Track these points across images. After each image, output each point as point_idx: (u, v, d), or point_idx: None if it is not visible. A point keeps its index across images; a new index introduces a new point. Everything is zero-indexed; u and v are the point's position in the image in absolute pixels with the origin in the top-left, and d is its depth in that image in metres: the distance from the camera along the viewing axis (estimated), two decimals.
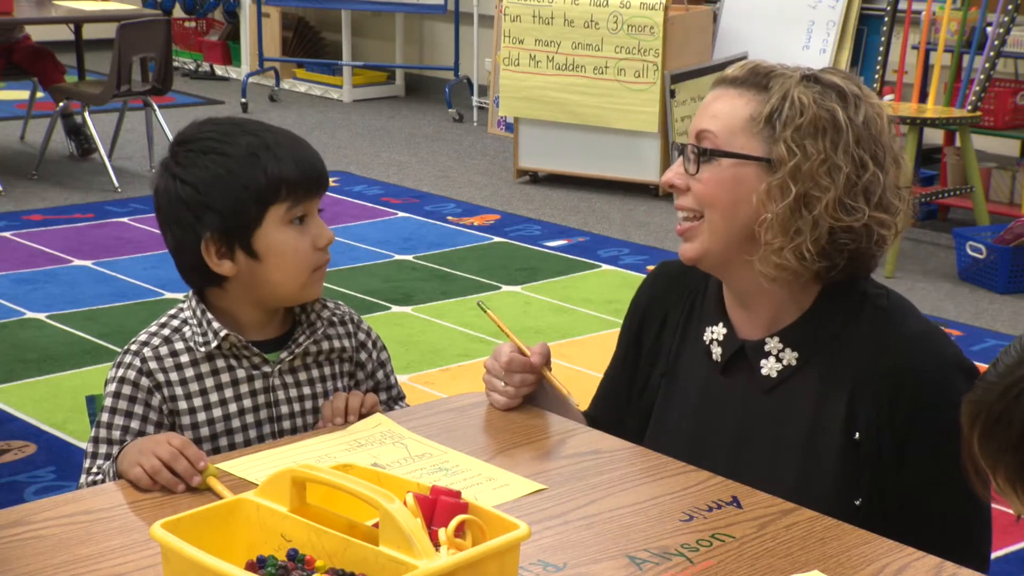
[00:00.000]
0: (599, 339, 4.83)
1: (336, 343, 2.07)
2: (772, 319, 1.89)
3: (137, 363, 1.97)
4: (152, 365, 1.97)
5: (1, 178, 6.76)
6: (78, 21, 7.38)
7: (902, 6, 6.22)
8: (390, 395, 2.15)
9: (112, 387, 1.97)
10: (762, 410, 1.89)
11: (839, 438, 1.83)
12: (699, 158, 1.84)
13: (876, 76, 6.14)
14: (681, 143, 1.88)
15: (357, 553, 1.39)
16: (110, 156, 7.05)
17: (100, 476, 1.93)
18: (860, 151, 1.80)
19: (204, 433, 1.98)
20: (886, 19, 6.20)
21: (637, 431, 2.01)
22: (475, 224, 6.33)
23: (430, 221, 6.36)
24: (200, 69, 10.03)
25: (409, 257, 5.80)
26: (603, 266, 5.73)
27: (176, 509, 1.65)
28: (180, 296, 2.07)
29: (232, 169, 1.94)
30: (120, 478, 1.82)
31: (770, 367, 1.89)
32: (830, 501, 1.76)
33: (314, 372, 2.05)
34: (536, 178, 7.17)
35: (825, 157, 1.78)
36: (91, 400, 2.11)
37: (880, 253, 1.85)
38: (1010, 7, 5.72)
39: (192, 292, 2.02)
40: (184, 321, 2.01)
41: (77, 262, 5.62)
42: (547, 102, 6.89)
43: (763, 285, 1.85)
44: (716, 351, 1.94)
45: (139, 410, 1.96)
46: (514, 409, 2.02)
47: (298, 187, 1.96)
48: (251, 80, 9.19)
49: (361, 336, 2.11)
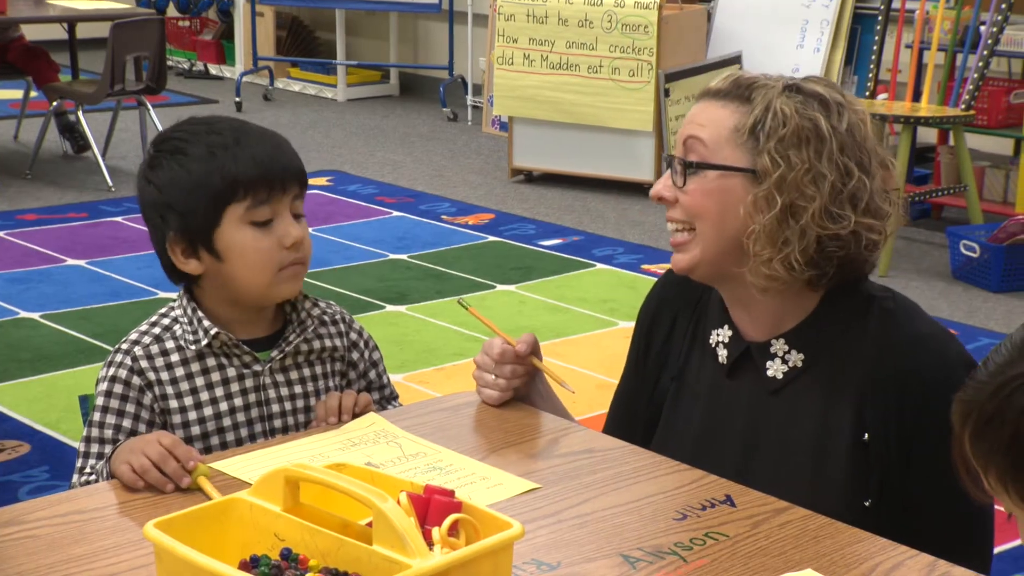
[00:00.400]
0: (594, 338, 4.83)
1: (327, 342, 2.07)
2: (776, 321, 1.89)
3: (128, 362, 1.97)
4: (143, 364, 1.97)
5: None
6: (72, 20, 7.37)
7: (896, 5, 6.22)
8: (383, 395, 2.15)
9: (104, 386, 1.97)
10: (769, 412, 1.89)
11: (847, 440, 1.83)
12: (685, 170, 1.84)
13: (870, 75, 6.14)
14: (668, 156, 1.89)
15: (351, 552, 1.39)
16: (104, 155, 7.04)
17: (93, 476, 1.93)
18: (845, 158, 1.79)
19: (195, 432, 1.97)
20: (880, 18, 6.20)
21: (649, 438, 2.00)
22: (470, 223, 6.33)
23: (424, 220, 6.36)
24: (194, 68, 10.02)
25: (403, 256, 5.79)
26: (598, 265, 5.73)
27: (169, 509, 1.65)
28: (174, 296, 2.07)
29: (190, 169, 1.95)
30: (113, 478, 1.82)
31: (776, 369, 1.89)
32: (839, 503, 1.76)
33: (305, 371, 2.05)
34: (531, 177, 7.17)
35: (809, 166, 1.78)
36: (84, 400, 2.11)
37: (872, 257, 1.85)
38: (1003, 6, 5.73)
39: (182, 291, 2.03)
40: (175, 319, 2.01)
41: (71, 261, 5.62)
42: (541, 101, 6.89)
43: (759, 297, 1.85)
44: (722, 353, 1.93)
45: (131, 409, 1.96)
46: (508, 408, 2.02)
47: (257, 187, 1.94)
48: (245, 79, 9.18)
49: (353, 336, 2.11)
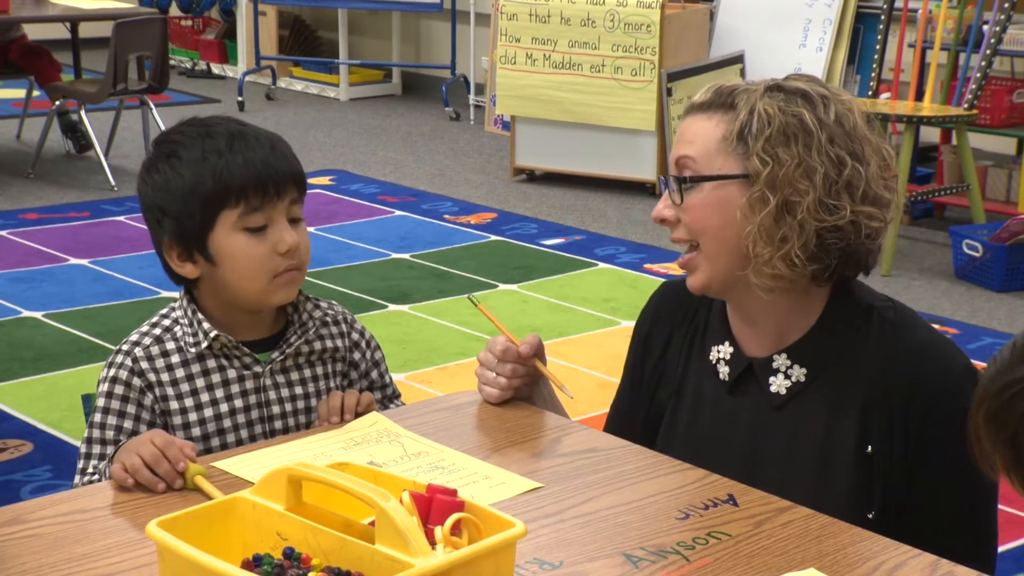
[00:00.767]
0: (596, 337, 4.83)
1: (329, 343, 2.07)
2: (779, 335, 1.89)
3: (129, 363, 1.97)
4: (144, 365, 1.97)
5: None
6: (74, 19, 7.37)
7: (898, 4, 6.22)
8: (385, 394, 2.15)
9: (104, 387, 1.97)
10: (772, 427, 1.89)
11: (851, 452, 1.83)
12: (681, 187, 1.84)
13: (872, 74, 6.14)
14: (663, 177, 1.88)
15: (353, 551, 1.39)
16: (106, 155, 7.04)
17: (96, 476, 1.92)
18: (835, 149, 1.79)
19: (196, 433, 1.97)
20: (882, 17, 6.20)
21: None
22: (472, 223, 6.33)
23: (427, 220, 6.36)
24: (196, 68, 10.02)
25: (406, 256, 5.79)
26: (600, 264, 5.73)
27: (172, 508, 1.65)
28: (176, 295, 2.06)
29: (183, 173, 1.94)
30: None
31: (779, 384, 1.88)
32: (842, 515, 1.75)
33: (306, 372, 2.05)
34: (533, 176, 7.17)
35: (799, 161, 1.78)
36: (87, 399, 2.11)
37: (875, 247, 1.84)
38: (1006, 5, 5.72)
39: (183, 292, 2.02)
40: (175, 321, 2.00)
41: (73, 261, 5.62)
42: (544, 100, 6.89)
43: (768, 300, 1.85)
44: (723, 370, 1.93)
45: (132, 410, 1.96)
46: (510, 407, 2.02)
47: (249, 192, 1.93)
48: (247, 79, 9.18)
49: (354, 336, 2.11)
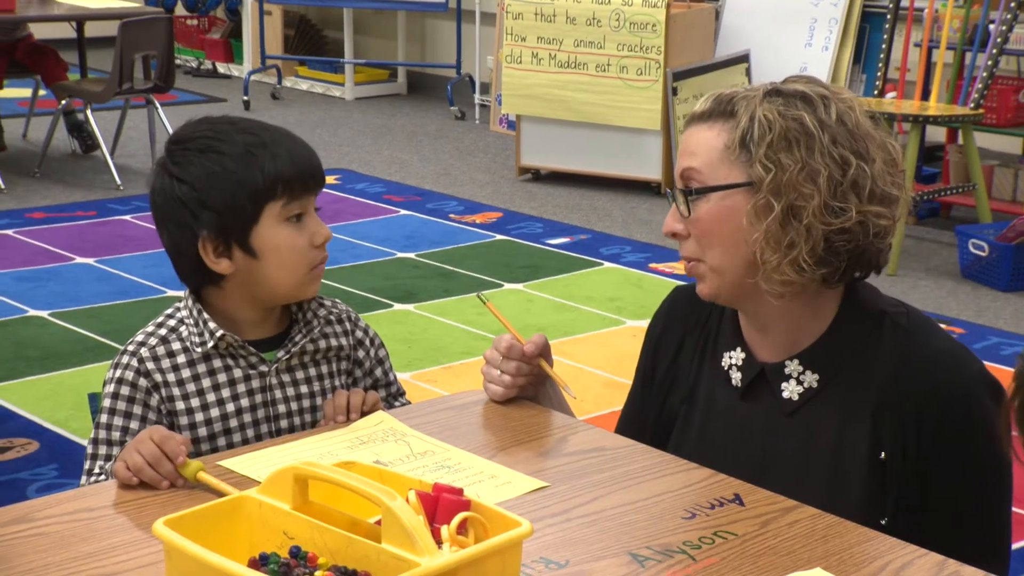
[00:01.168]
0: (601, 337, 4.83)
1: (333, 341, 2.07)
2: (791, 341, 1.88)
3: (135, 363, 1.97)
4: (149, 365, 1.97)
5: (3, 176, 6.76)
6: (80, 19, 7.38)
7: (904, 3, 6.21)
8: (389, 392, 2.15)
9: (110, 388, 1.97)
10: (785, 433, 1.88)
11: (864, 458, 1.82)
12: (688, 199, 1.84)
13: (878, 74, 6.14)
14: (669, 190, 1.88)
15: (359, 550, 1.39)
16: (112, 154, 7.05)
17: (103, 476, 1.93)
18: (839, 149, 1.78)
19: (202, 433, 1.97)
20: (888, 16, 6.20)
21: None
22: (477, 222, 6.33)
23: (432, 219, 6.36)
24: (202, 67, 10.03)
25: (411, 255, 5.80)
26: (605, 264, 5.73)
27: (178, 507, 1.65)
28: (182, 294, 2.07)
29: (228, 167, 1.94)
30: None
31: (791, 390, 1.88)
32: (855, 521, 1.75)
33: (311, 371, 2.05)
34: (538, 176, 7.17)
35: (803, 165, 1.77)
36: (93, 398, 2.11)
37: (884, 245, 1.83)
38: (1012, 4, 5.72)
39: (188, 292, 2.02)
40: (181, 321, 2.01)
41: (79, 260, 5.62)
42: (549, 100, 6.89)
43: (779, 306, 1.84)
44: (736, 376, 1.92)
45: (138, 410, 1.96)
46: (516, 406, 2.02)
47: (294, 184, 1.96)
48: (253, 78, 9.19)
49: (359, 334, 2.11)
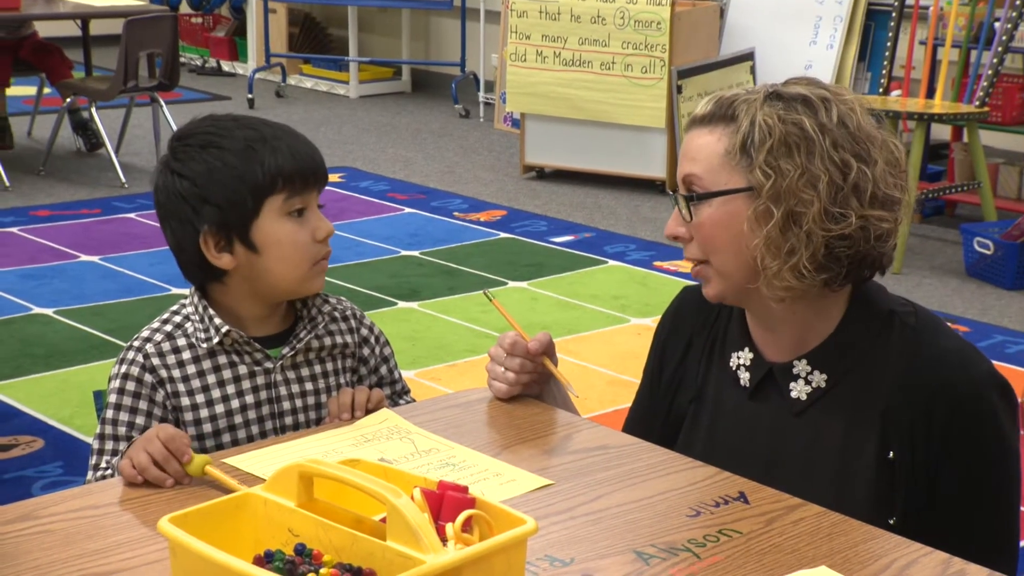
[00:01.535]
0: (605, 335, 4.83)
1: (338, 339, 2.08)
2: (798, 341, 1.87)
3: (140, 359, 1.97)
4: (155, 361, 1.97)
5: (8, 173, 6.77)
6: (85, 17, 7.38)
7: (909, 1, 6.21)
8: (394, 390, 2.15)
9: (116, 384, 1.97)
10: (792, 433, 1.88)
11: (873, 458, 1.82)
12: (689, 204, 1.84)
13: (883, 71, 6.13)
14: (672, 193, 1.88)
15: (364, 548, 1.39)
16: (117, 152, 7.06)
17: (109, 472, 1.93)
18: (839, 153, 1.77)
19: (207, 429, 1.98)
20: (894, 14, 6.19)
21: None
22: (481, 220, 6.33)
23: (436, 217, 6.36)
24: (207, 65, 10.04)
25: (415, 253, 5.80)
26: (609, 262, 5.73)
27: (183, 504, 1.65)
28: (186, 292, 2.07)
29: (228, 162, 1.95)
30: None
31: (800, 390, 1.87)
32: (864, 521, 1.75)
33: (316, 368, 2.05)
34: (542, 174, 7.17)
35: (803, 171, 1.76)
36: (98, 395, 2.12)
37: (887, 249, 1.82)
38: (1018, 2, 5.71)
39: (194, 288, 2.03)
40: (186, 317, 2.01)
41: (84, 258, 5.63)
42: (553, 98, 6.89)
43: (785, 307, 1.84)
44: (744, 376, 1.92)
45: (143, 406, 1.96)
46: (520, 404, 2.02)
47: (295, 179, 1.96)
48: (257, 76, 9.19)
49: (364, 332, 2.11)
